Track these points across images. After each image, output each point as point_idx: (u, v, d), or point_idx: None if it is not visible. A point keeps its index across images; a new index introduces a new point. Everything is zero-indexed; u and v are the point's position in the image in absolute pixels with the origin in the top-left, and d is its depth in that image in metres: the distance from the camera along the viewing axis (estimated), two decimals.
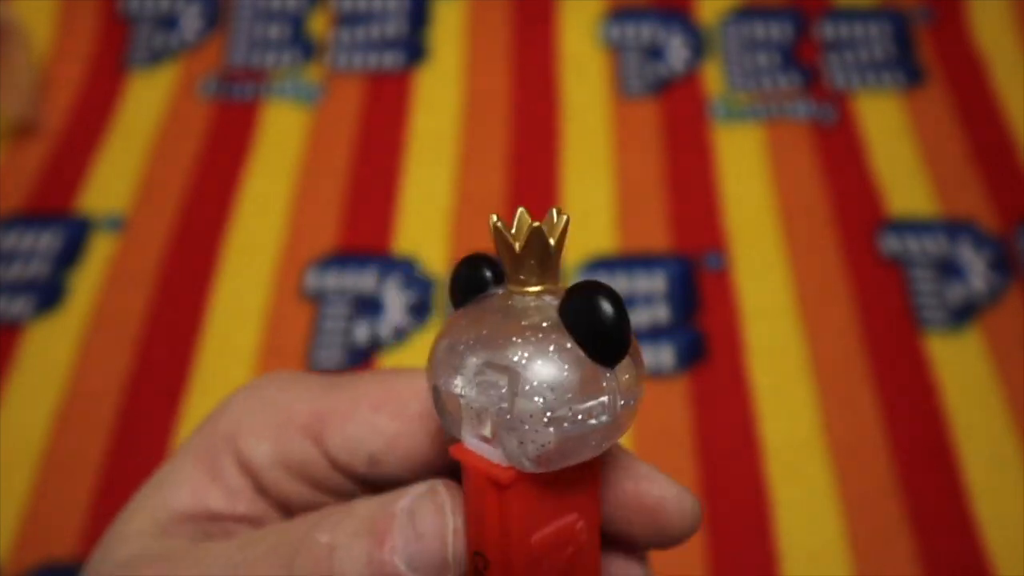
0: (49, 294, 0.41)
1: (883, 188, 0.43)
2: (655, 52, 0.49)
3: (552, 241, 0.15)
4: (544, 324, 0.15)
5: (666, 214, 0.42)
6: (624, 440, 0.38)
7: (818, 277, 0.40)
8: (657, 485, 0.18)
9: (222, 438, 0.19)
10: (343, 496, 0.19)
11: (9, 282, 0.41)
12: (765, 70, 0.48)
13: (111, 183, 0.45)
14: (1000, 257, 0.40)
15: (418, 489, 0.17)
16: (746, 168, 0.44)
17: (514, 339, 0.15)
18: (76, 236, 0.43)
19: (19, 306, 0.40)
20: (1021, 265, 0.40)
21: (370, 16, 0.51)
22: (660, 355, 0.38)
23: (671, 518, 0.18)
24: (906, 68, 0.48)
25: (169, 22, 0.52)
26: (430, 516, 0.16)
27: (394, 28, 0.51)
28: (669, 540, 0.18)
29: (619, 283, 0.40)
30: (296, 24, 0.51)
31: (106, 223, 0.43)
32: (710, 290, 0.40)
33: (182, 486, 0.18)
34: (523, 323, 0.15)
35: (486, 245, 0.17)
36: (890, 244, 0.41)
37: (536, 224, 0.15)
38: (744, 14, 0.51)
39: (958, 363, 0.37)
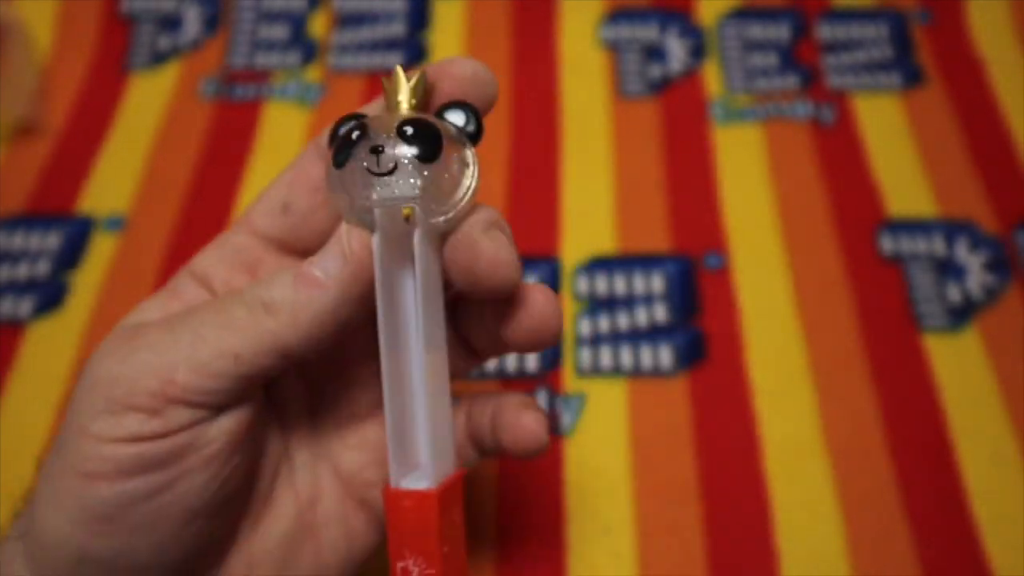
0: (50, 294, 0.41)
1: (882, 188, 0.43)
2: (654, 52, 0.49)
3: (411, 80, 0.23)
4: (414, 111, 0.23)
5: (665, 214, 0.43)
6: (623, 439, 0.39)
7: (817, 277, 0.40)
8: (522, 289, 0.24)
9: (108, 395, 0.22)
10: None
11: (10, 282, 0.41)
12: (764, 71, 0.48)
13: (112, 183, 0.45)
14: (999, 257, 0.40)
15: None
16: (745, 168, 0.44)
17: (407, 115, 0.23)
18: (77, 236, 0.43)
19: (20, 306, 0.41)
20: (1020, 265, 0.40)
21: (370, 17, 0.52)
22: (659, 355, 0.38)
23: (534, 315, 0.24)
24: (905, 69, 0.48)
25: (170, 23, 0.52)
26: (331, 242, 0.22)
27: (394, 28, 0.51)
28: (535, 338, 0.24)
29: (618, 283, 0.40)
30: (297, 25, 0.52)
31: (107, 223, 0.43)
32: (710, 290, 0.40)
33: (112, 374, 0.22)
34: (407, 115, 0.23)
35: None
36: (889, 244, 0.41)
37: (398, 66, 0.23)
38: (743, 15, 0.51)
39: (957, 363, 0.37)
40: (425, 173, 0.21)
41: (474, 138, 0.23)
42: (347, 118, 0.23)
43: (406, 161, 0.21)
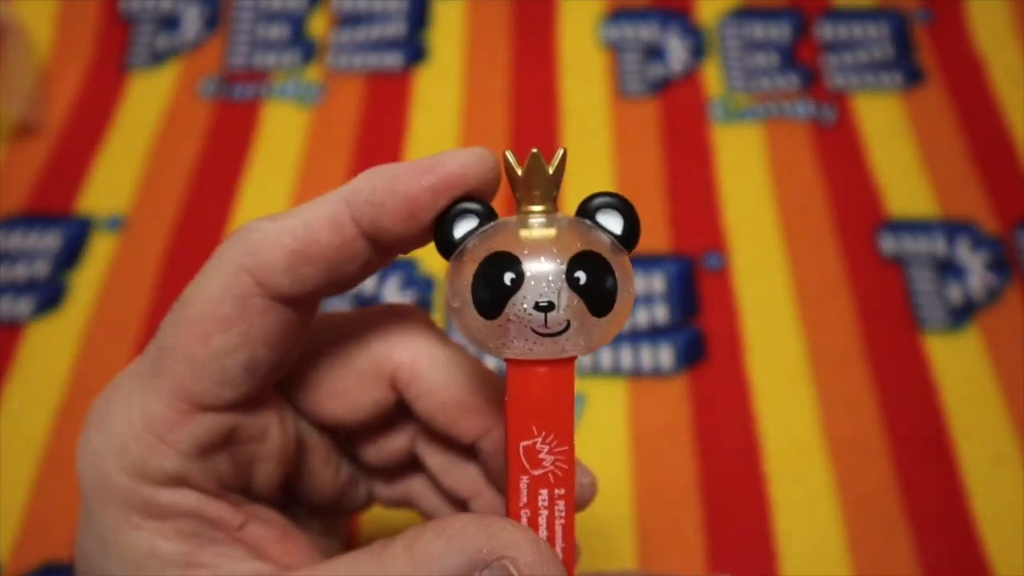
0: (49, 294, 0.41)
1: (882, 188, 0.43)
2: (655, 52, 0.49)
3: (551, 168, 0.18)
4: (576, 227, 0.18)
5: (666, 214, 0.42)
6: (623, 439, 0.39)
7: (817, 277, 0.40)
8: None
9: (130, 483, 0.19)
10: (256, 439, 0.20)
11: (9, 282, 0.41)
12: (764, 70, 0.48)
13: (111, 183, 0.45)
14: (999, 257, 0.40)
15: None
16: (746, 168, 0.44)
17: (564, 242, 0.17)
18: (76, 236, 0.43)
19: (19, 306, 0.40)
20: (1020, 265, 0.40)
21: (370, 16, 0.52)
22: (660, 355, 0.38)
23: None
24: (905, 68, 0.48)
25: (170, 23, 0.52)
26: None
27: (394, 28, 0.51)
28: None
29: None
30: (296, 25, 0.52)
31: (107, 223, 0.43)
32: (710, 290, 0.40)
33: (153, 551, 0.19)
34: (558, 230, 0.18)
35: None
36: (889, 244, 0.41)
37: (535, 150, 0.18)
38: (743, 14, 0.51)
39: (957, 363, 0.37)
40: (598, 325, 0.17)
41: (630, 244, 0.18)
42: (461, 210, 0.18)
43: (578, 320, 0.17)
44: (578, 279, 0.17)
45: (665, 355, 0.38)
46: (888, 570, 0.32)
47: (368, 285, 0.40)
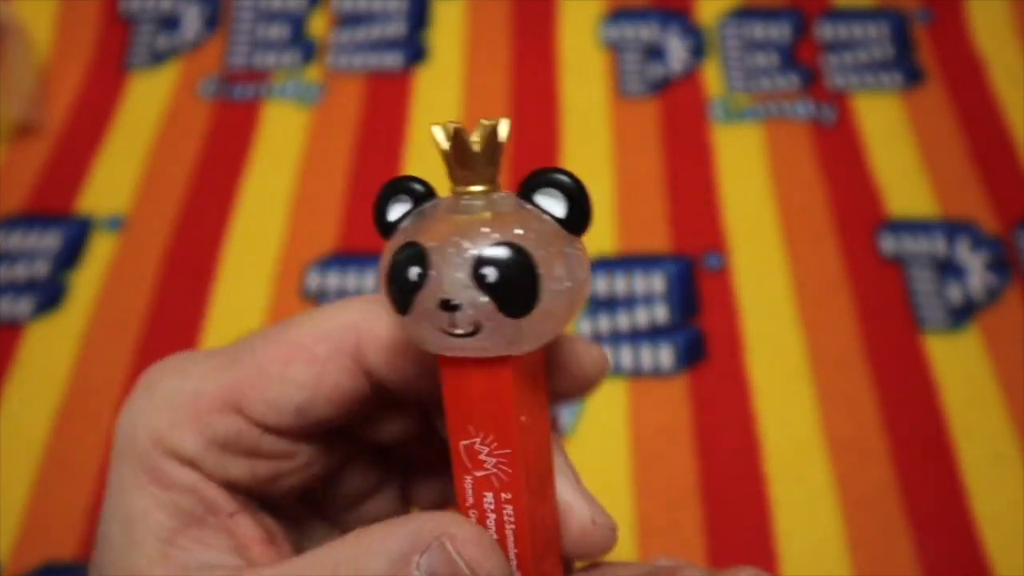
0: (49, 294, 0.41)
1: (882, 188, 0.43)
2: (654, 52, 0.49)
3: (477, 145, 0.16)
4: (510, 211, 0.16)
5: (666, 214, 0.42)
6: (623, 439, 0.39)
7: (817, 277, 0.40)
8: (568, 342, 0.19)
9: (149, 447, 0.19)
10: (281, 456, 0.20)
11: (9, 282, 0.41)
12: (764, 71, 0.48)
13: (111, 183, 0.45)
14: (999, 257, 0.40)
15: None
16: (746, 168, 0.44)
17: (483, 229, 0.15)
18: (76, 236, 0.43)
19: (19, 306, 0.40)
20: (1020, 265, 0.40)
21: (370, 16, 0.52)
22: (660, 355, 0.38)
23: (584, 367, 0.19)
24: (905, 68, 0.48)
25: (170, 23, 0.52)
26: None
27: (394, 28, 0.51)
28: (581, 389, 0.20)
29: (619, 283, 0.40)
30: (296, 25, 0.52)
31: (106, 223, 0.43)
32: (710, 290, 0.40)
33: (149, 512, 0.18)
34: (486, 215, 0.16)
35: None
36: (889, 244, 0.41)
37: (457, 125, 0.16)
38: (743, 14, 0.51)
39: (957, 363, 0.37)
40: (518, 325, 0.15)
41: (576, 228, 0.16)
42: (395, 188, 0.17)
43: (490, 321, 0.15)
44: (484, 276, 0.15)
45: (665, 355, 0.38)
46: (888, 570, 0.32)
47: (368, 285, 0.40)
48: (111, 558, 0.18)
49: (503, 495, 0.17)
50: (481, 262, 0.15)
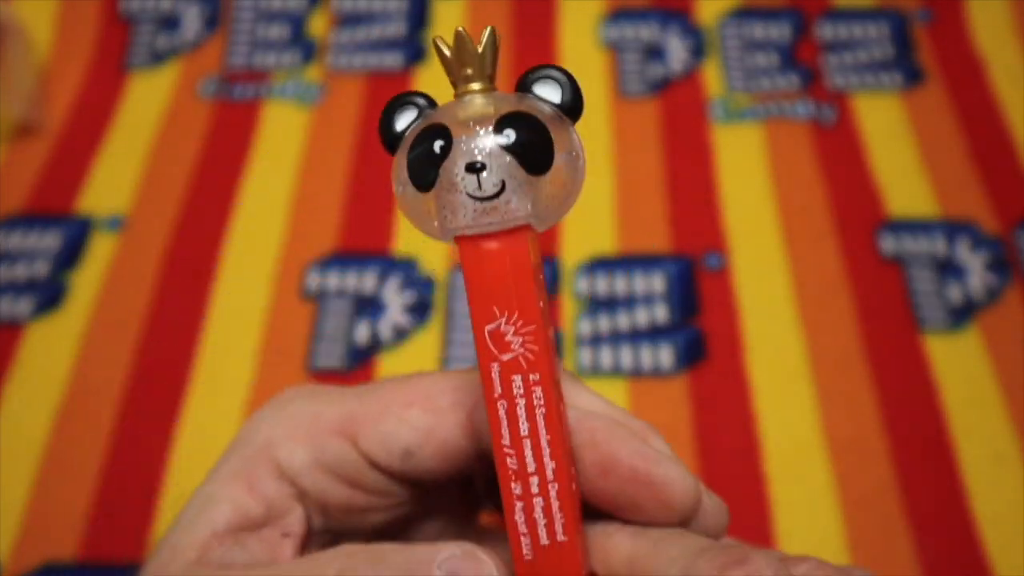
0: (49, 294, 0.41)
1: (882, 188, 0.43)
2: (654, 52, 0.49)
3: (481, 46, 0.18)
4: (505, 97, 0.17)
5: (666, 214, 0.42)
6: None
7: (818, 277, 0.40)
8: (663, 467, 0.18)
9: (258, 450, 0.19)
10: (378, 493, 0.20)
11: (9, 282, 0.41)
12: (764, 70, 0.48)
13: (111, 183, 0.45)
14: (999, 257, 0.40)
15: (451, 549, 0.17)
16: (746, 168, 0.44)
17: (497, 104, 0.17)
18: (76, 236, 0.43)
19: (19, 306, 0.40)
20: (1020, 265, 0.40)
21: (370, 16, 0.52)
22: (660, 355, 0.38)
23: (675, 497, 0.18)
24: (905, 68, 0.48)
25: (170, 23, 0.52)
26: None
27: (394, 28, 0.51)
28: (670, 518, 0.19)
29: (619, 283, 0.40)
30: (296, 25, 0.52)
31: (106, 223, 0.43)
32: (710, 290, 0.40)
33: (221, 502, 0.19)
34: (491, 104, 0.17)
35: None
36: (889, 244, 0.41)
37: (460, 29, 0.17)
38: (743, 14, 0.51)
39: (957, 363, 0.37)
40: (538, 186, 0.17)
41: (573, 112, 0.18)
42: (400, 101, 0.18)
43: (514, 179, 0.16)
44: (508, 136, 0.16)
45: (665, 355, 0.38)
46: (888, 570, 0.32)
47: (367, 285, 0.40)
48: (172, 532, 0.19)
49: (531, 376, 0.17)
50: (501, 123, 0.16)
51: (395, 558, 0.17)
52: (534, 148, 0.17)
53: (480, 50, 0.17)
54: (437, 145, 0.17)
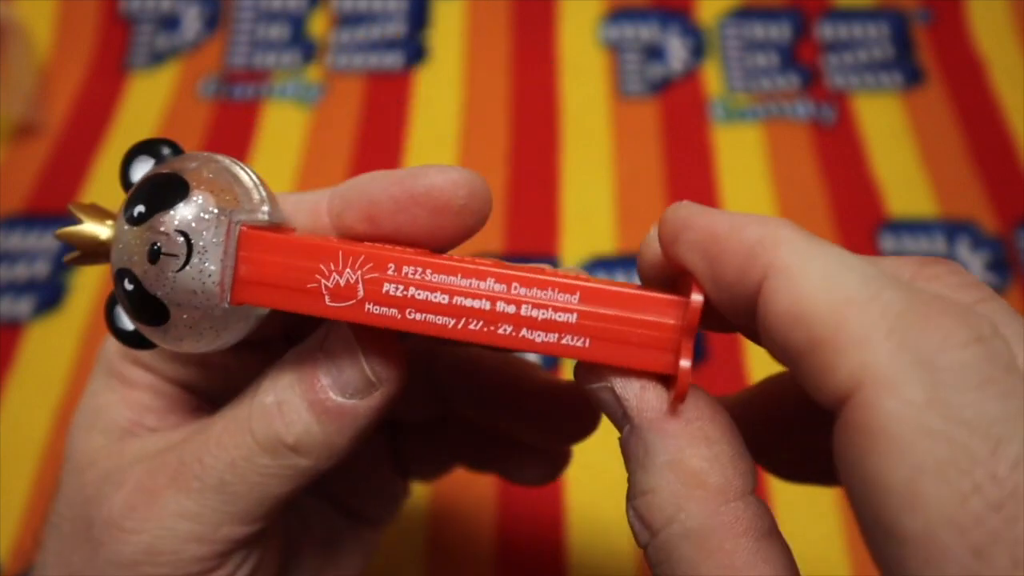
0: (49, 294, 0.41)
1: (882, 188, 0.43)
2: (654, 52, 0.49)
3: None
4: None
5: None
6: None
7: None
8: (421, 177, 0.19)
9: (116, 356, 0.22)
10: (229, 367, 0.22)
11: (9, 282, 0.41)
12: (764, 71, 0.48)
13: (112, 183, 0.45)
14: (999, 257, 0.40)
15: (322, 330, 0.19)
16: (746, 168, 0.44)
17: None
18: None
19: (19, 306, 0.40)
20: (1020, 265, 0.40)
21: (370, 16, 0.52)
22: None
23: (444, 193, 0.18)
24: (905, 69, 0.48)
25: (170, 23, 0.52)
26: (341, 346, 0.18)
27: (394, 28, 0.51)
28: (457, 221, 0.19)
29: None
30: (296, 25, 0.52)
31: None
32: None
33: (109, 407, 0.21)
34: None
35: (487, 244, 0.17)
36: (890, 244, 0.41)
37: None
38: (743, 14, 0.51)
39: None
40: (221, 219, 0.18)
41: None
42: (135, 152, 0.20)
43: (193, 231, 0.18)
44: (135, 214, 0.20)
45: None
46: None
47: None
48: (76, 444, 0.21)
49: (389, 268, 0.17)
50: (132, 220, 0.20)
51: (289, 359, 0.19)
52: (157, 191, 0.20)
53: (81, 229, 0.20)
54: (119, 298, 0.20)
